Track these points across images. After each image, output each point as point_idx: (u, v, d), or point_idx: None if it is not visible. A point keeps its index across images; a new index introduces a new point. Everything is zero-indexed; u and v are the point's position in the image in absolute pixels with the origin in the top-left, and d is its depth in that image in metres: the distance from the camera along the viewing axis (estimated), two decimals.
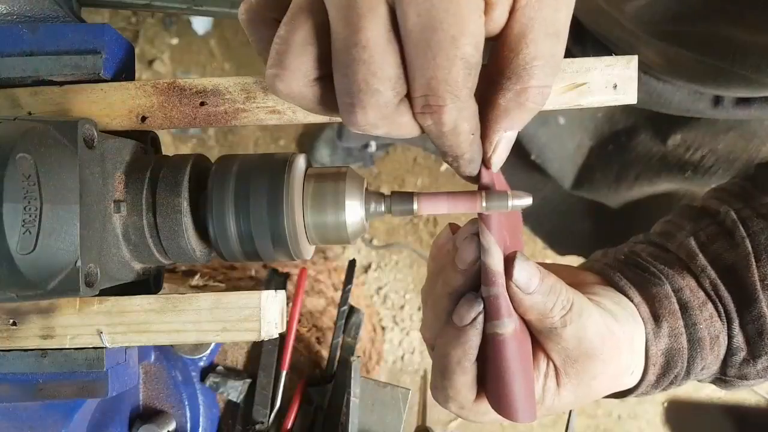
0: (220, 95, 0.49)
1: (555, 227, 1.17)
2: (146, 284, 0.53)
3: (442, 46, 0.32)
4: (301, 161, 0.46)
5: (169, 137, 1.99)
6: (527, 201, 0.42)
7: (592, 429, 2.03)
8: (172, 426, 0.70)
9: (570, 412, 0.71)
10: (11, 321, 0.47)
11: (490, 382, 0.45)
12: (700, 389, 1.96)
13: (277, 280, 0.82)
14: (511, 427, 1.98)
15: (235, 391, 0.74)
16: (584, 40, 0.86)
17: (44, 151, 0.40)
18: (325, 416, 0.75)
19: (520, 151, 1.05)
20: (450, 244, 0.45)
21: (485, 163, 0.40)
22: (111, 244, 0.46)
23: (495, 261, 0.42)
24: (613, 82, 0.47)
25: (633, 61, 0.47)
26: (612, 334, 0.48)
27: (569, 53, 0.95)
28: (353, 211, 0.44)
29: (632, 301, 0.53)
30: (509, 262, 0.43)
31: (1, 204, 0.37)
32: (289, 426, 0.74)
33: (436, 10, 0.31)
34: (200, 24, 2.00)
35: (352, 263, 0.80)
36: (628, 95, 0.47)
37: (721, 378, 0.56)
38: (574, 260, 0.83)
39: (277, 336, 0.61)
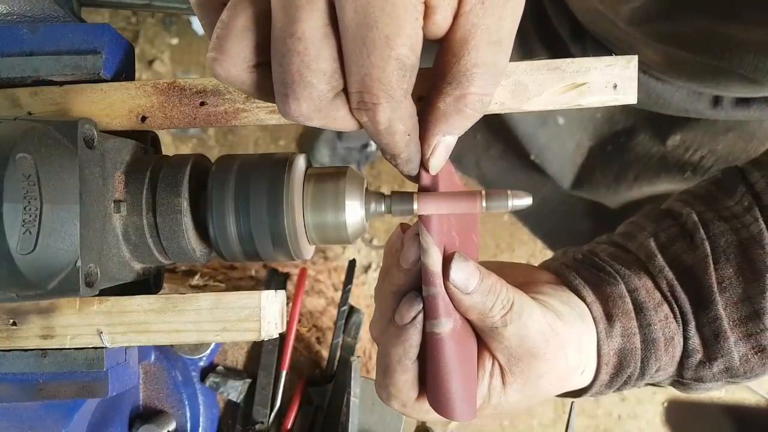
0: (220, 95, 0.49)
1: (554, 227, 1.17)
2: (146, 284, 0.53)
3: (377, 45, 0.32)
4: (301, 161, 0.46)
5: (169, 137, 1.98)
6: (527, 201, 0.42)
7: (592, 429, 2.03)
8: (172, 426, 0.70)
9: (570, 411, 0.71)
10: (11, 321, 0.47)
11: (429, 380, 0.45)
12: None
13: (277, 280, 0.82)
14: (511, 427, 1.98)
15: (235, 391, 0.74)
16: (583, 40, 0.86)
17: (44, 151, 0.40)
18: (325, 416, 0.75)
19: (519, 151, 1.05)
20: (399, 243, 0.45)
21: (423, 165, 0.41)
22: (111, 244, 0.46)
23: (432, 261, 0.42)
24: (613, 82, 0.47)
25: (633, 61, 0.47)
26: (555, 334, 0.48)
27: (569, 53, 0.95)
28: (353, 211, 0.44)
29: (585, 300, 0.53)
30: (447, 262, 0.43)
31: (1, 204, 0.37)
32: (289, 426, 0.74)
33: (372, 8, 0.32)
34: (200, 24, 2.00)
35: (352, 263, 0.80)
36: (628, 95, 0.47)
37: (678, 380, 0.56)
38: None
39: (277, 336, 0.61)
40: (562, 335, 0.49)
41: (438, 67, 0.37)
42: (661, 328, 0.52)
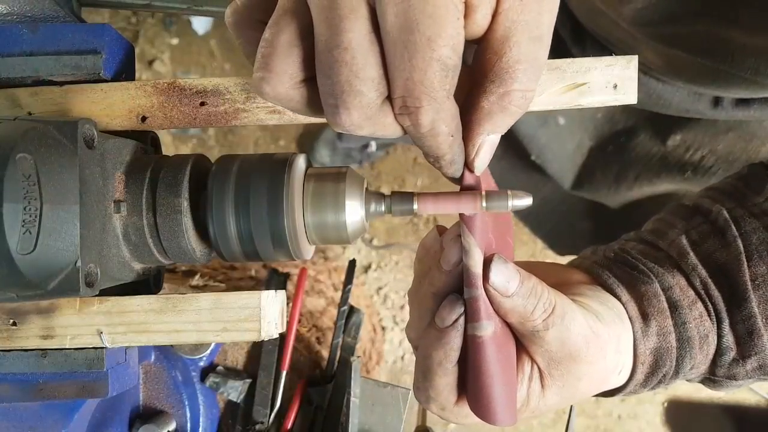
0: (220, 95, 0.49)
1: (555, 227, 1.17)
2: (146, 284, 0.53)
3: (418, 48, 0.32)
4: (301, 161, 0.46)
5: (169, 137, 1.98)
6: (527, 201, 0.42)
7: (592, 429, 2.03)
8: (172, 426, 0.70)
9: (570, 412, 0.71)
10: (11, 321, 0.47)
11: (470, 384, 0.45)
12: (701, 389, 1.96)
13: (277, 280, 0.82)
14: (511, 427, 1.98)
15: (235, 391, 0.74)
16: (584, 40, 0.86)
17: (44, 151, 0.40)
18: (325, 416, 0.75)
19: (520, 151, 1.05)
20: (437, 245, 0.44)
21: (468, 165, 0.40)
22: (111, 244, 0.46)
23: (474, 262, 0.42)
24: (613, 82, 0.47)
25: (633, 61, 0.47)
26: (596, 336, 0.48)
27: (569, 54, 0.95)
28: (353, 211, 0.44)
29: (620, 299, 0.52)
30: (486, 264, 0.42)
31: (1, 204, 0.37)
32: (289, 426, 0.74)
33: (413, 11, 0.32)
34: (200, 24, 2.00)
35: (352, 263, 0.80)
36: (628, 95, 0.47)
37: (710, 378, 0.56)
38: None
39: (277, 336, 0.61)
40: (603, 337, 0.48)
41: (478, 67, 0.37)
42: (695, 327, 0.52)
